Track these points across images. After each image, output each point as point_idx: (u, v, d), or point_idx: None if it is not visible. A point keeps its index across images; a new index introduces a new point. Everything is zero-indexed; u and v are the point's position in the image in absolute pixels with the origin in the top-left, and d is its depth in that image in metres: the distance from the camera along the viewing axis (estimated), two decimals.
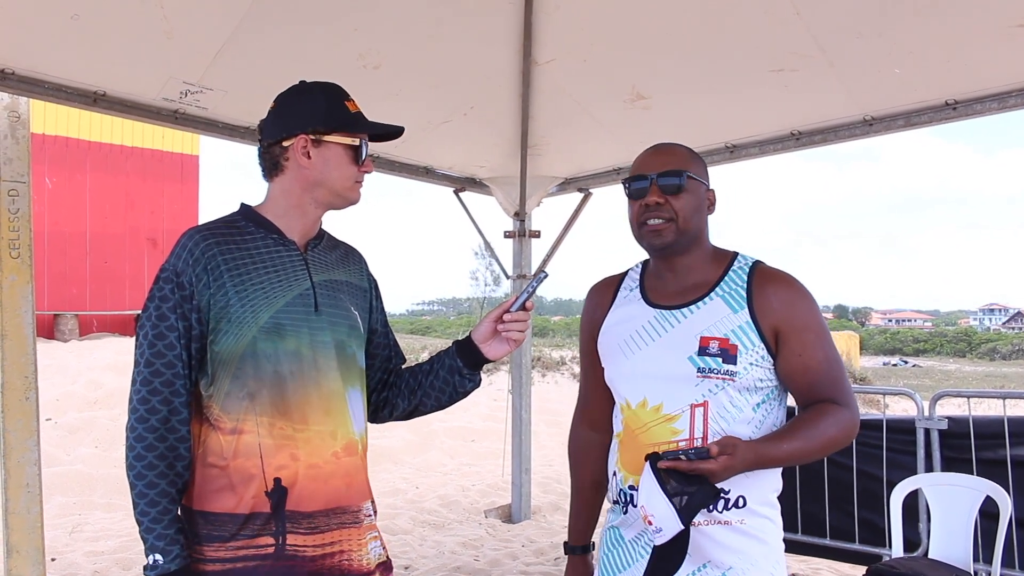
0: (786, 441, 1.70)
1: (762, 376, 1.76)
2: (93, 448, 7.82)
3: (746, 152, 4.91)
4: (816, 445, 1.72)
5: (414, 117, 4.80)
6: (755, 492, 1.76)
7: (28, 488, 3.60)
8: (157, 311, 1.69)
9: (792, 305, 1.78)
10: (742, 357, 1.74)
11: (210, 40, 3.69)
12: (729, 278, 1.83)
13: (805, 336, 1.76)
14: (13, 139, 3.59)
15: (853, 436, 1.78)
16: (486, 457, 9.28)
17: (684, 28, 4.07)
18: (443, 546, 5.75)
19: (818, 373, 1.77)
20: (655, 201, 1.82)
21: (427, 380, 2.00)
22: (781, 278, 1.82)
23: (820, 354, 1.77)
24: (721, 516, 1.74)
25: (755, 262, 1.87)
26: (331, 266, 1.89)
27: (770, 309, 1.77)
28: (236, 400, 1.70)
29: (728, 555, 1.74)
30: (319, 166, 1.79)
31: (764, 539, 1.77)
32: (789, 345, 1.76)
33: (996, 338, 55.13)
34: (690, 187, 1.83)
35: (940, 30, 3.62)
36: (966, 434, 4.42)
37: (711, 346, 1.75)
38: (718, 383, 1.73)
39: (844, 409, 1.75)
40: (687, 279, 1.86)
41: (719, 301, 1.80)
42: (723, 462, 1.59)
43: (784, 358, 1.77)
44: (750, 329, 1.76)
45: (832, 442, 1.74)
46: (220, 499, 1.69)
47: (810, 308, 1.80)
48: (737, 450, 1.61)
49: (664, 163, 1.85)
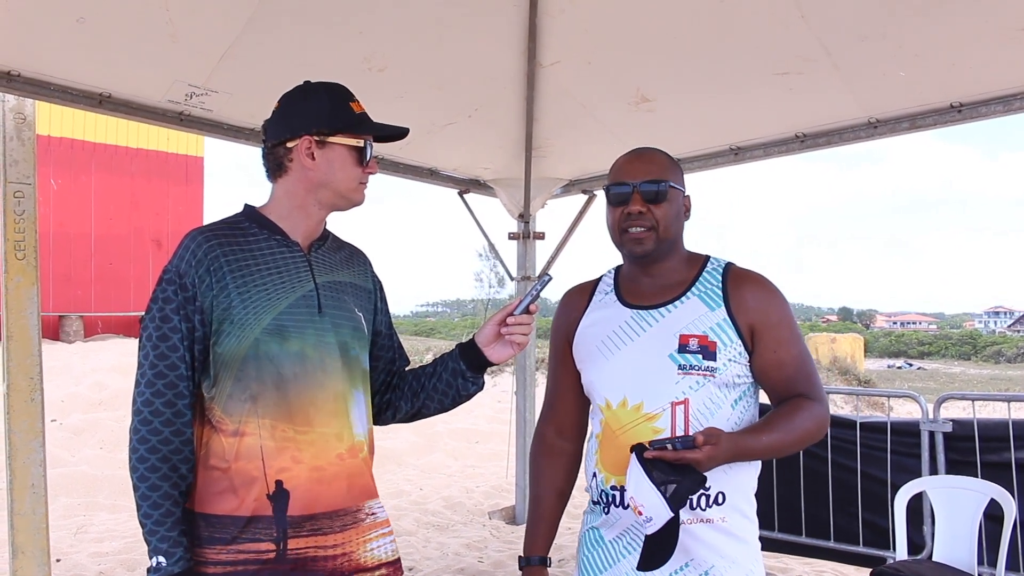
0: (765, 433, 1.76)
1: (739, 372, 1.81)
2: (98, 449, 7.84)
3: (750, 154, 4.90)
4: (792, 438, 1.79)
5: (419, 119, 4.80)
6: (733, 488, 1.79)
7: (33, 489, 3.61)
8: (160, 312, 1.69)
9: (766, 303, 1.84)
10: (721, 353, 1.78)
11: (215, 42, 3.70)
12: (704, 278, 1.87)
13: (779, 333, 1.82)
14: (19, 141, 3.60)
15: (826, 429, 1.86)
16: (490, 459, 9.28)
17: (688, 31, 4.06)
18: (447, 548, 5.75)
19: (792, 368, 1.83)
20: (637, 210, 1.84)
21: (430, 383, 2.00)
22: (755, 278, 1.88)
23: (794, 350, 1.84)
24: (704, 514, 1.77)
25: (728, 263, 1.92)
26: (335, 267, 1.89)
27: (746, 307, 1.82)
28: (238, 402, 1.69)
29: (710, 554, 1.76)
30: (323, 167, 1.79)
31: (744, 538, 1.81)
32: (764, 342, 1.81)
33: (1001, 341, 54.89)
34: (671, 196, 1.86)
35: (945, 33, 3.61)
36: (970, 437, 4.41)
37: (691, 343, 1.79)
38: (699, 379, 1.77)
39: (817, 403, 1.83)
40: (663, 280, 1.89)
41: (696, 300, 1.84)
42: (708, 451, 1.62)
43: (759, 354, 1.82)
44: (727, 326, 1.80)
45: (807, 434, 1.80)
46: (222, 501, 1.68)
47: (782, 306, 1.86)
48: (720, 440, 1.65)
49: (646, 171, 1.87)
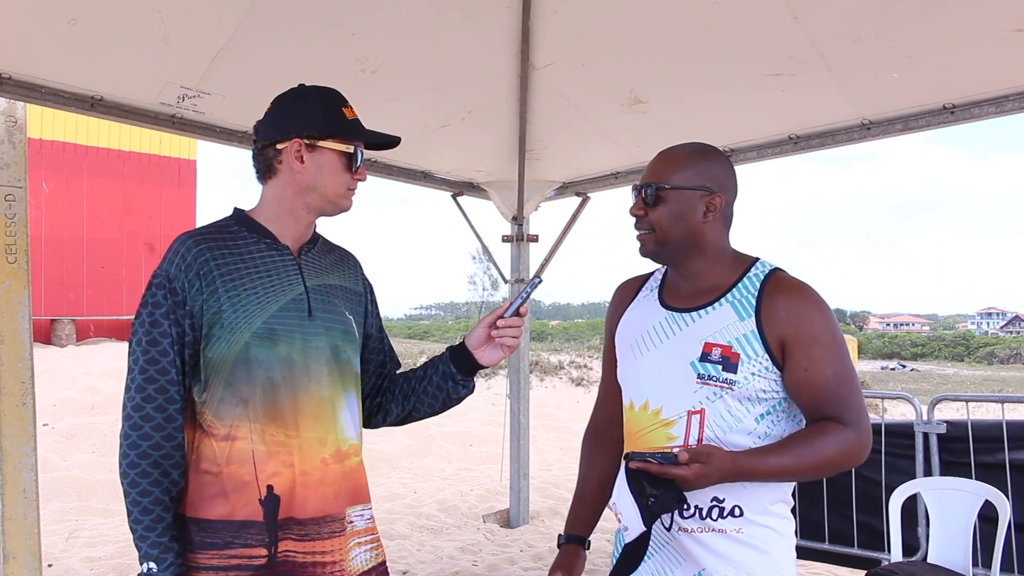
0: (774, 456, 1.65)
1: (765, 387, 1.71)
2: (90, 453, 7.80)
3: (744, 156, 4.90)
4: (809, 463, 1.65)
5: (412, 121, 4.80)
6: (753, 503, 1.71)
7: (25, 494, 3.58)
8: (150, 317, 1.68)
9: (801, 316, 1.70)
10: (743, 366, 1.69)
11: (207, 44, 3.69)
12: (743, 284, 1.78)
13: (813, 350, 1.68)
14: (10, 144, 3.58)
15: (859, 459, 1.69)
16: (484, 462, 9.26)
17: (682, 32, 4.06)
18: (441, 551, 5.73)
19: (825, 389, 1.68)
20: (635, 213, 1.84)
21: (421, 386, 1.99)
22: (793, 286, 1.75)
23: (829, 370, 1.68)
24: (716, 524, 1.71)
25: (773, 269, 1.81)
26: (325, 270, 1.88)
27: (777, 319, 1.70)
28: (229, 406, 1.68)
29: (723, 564, 1.70)
30: (312, 171, 1.78)
31: (764, 549, 1.71)
32: (795, 358, 1.69)
33: (994, 342, 55.16)
34: (667, 197, 1.79)
35: (938, 34, 3.62)
36: (965, 438, 4.42)
37: (713, 352, 1.71)
38: (716, 391, 1.70)
39: (848, 429, 1.67)
40: (700, 283, 1.83)
41: (728, 307, 1.75)
42: (695, 470, 1.56)
43: (790, 371, 1.70)
44: (754, 338, 1.70)
45: (829, 462, 1.67)
46: (214, 506, 1.67)
47: (822, 320, 1.71)
48: (712, 459, 1.57)
49: (650, 172, 1.85)
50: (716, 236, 1.83)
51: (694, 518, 1.70)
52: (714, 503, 1.71)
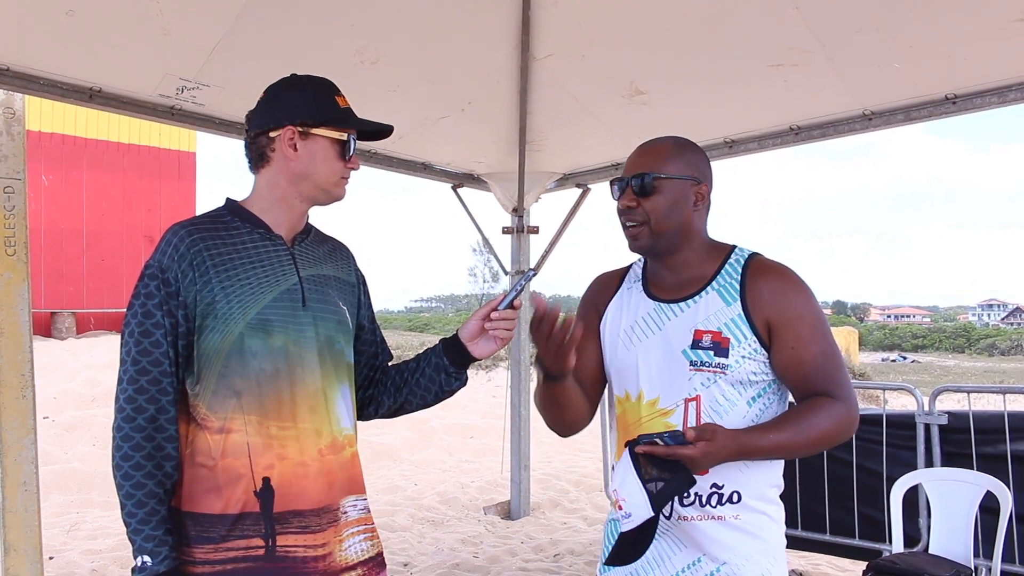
0: (773, 432, 1.68)
1: (755, 370, 1.75)
2: (91, 446, 7.81)
3: (744, 147, 4.89)
4: (806, 438, 1.69)
5: (412, 113, 4.79)
6: (751, 487, 1.75)
7: (25, 486, 3.59)
8: (143, 308, 1.67)
9: (784, 296, 1.75)
10: (734, 350, 1.73)
11: (206, 36, 3.67)
12: (725, 271, 1.82)
13: (798, 328, 1.73)
14: (8, 136, 3.57)
15: (850, 431, 1.74)
16: (485, 454, 9.27)
17: (683, 23, 4.04)
18: (442, 543, 5.74)
19: (812, 366, 1.73)
20: (627, 205, 1.83)
21: (413, 378, 1.98)
22: (774, 269, 1.80)
23: (815, 347, 1.74)
24: (715, 511, 1.74)
25: (751, 254, 1.85)
26: (319, 261, 1.88)
27: (762, 301, 1.75)
28: (223, 398, 1.67)
29: (722, 550, 1.74)
30: (305, 159, 1.77)
31: (759, 535, 1.76)
32: (781, 337, 1.74)
33: (995, 334, 55.10)
34: (662, 187, 1.81)
35: (940, 24, 3.60)
36: (966, 429, 4.41)
37: (704, 339, 1.75)
38: (710, 376, 1.73)
39: (839, 403, 1.71)
40: (684, 273, 1.85)
41: (714, 295, 1.79)
42: (702, 448, 1.57)
43: (777, 351, 1.74)
44: (742, 322, 1.75)
45: (825, 436, 1.70)
46: (209, 500, 1.66)
47: (804, 300, 1.77)
48: (717, 436, 1.59)
49: (638, 164, 1.85)
50: (701, 225, 1.88)
51: (694, 505, 1.73)
52: (713, 489, 1.74)
